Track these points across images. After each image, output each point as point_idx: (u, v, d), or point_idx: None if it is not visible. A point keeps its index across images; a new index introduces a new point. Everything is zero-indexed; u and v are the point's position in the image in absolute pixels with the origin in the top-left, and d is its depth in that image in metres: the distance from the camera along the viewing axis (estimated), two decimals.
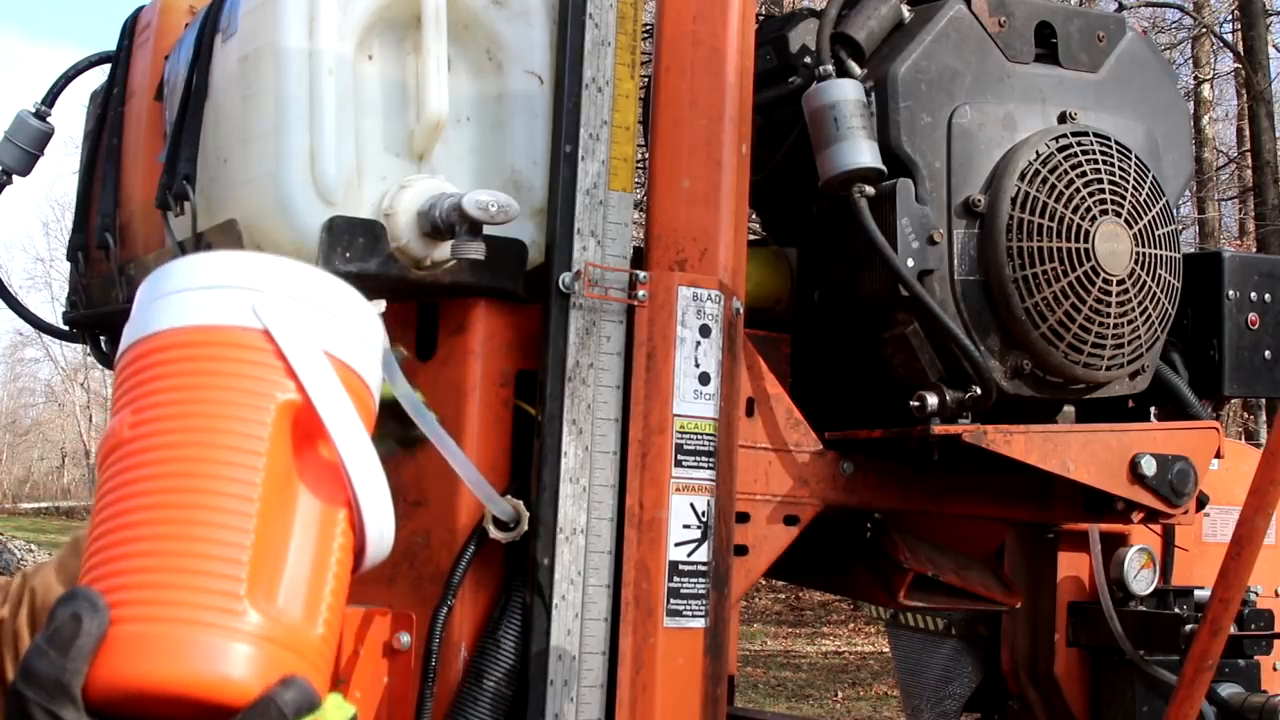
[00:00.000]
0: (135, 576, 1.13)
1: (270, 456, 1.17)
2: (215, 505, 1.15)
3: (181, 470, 1.16)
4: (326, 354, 1.23)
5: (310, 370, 1.21)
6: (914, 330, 2.26)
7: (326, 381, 1.22)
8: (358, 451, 1.23)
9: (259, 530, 1.15)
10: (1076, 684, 2.94)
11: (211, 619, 1.11)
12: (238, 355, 1.20)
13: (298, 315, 1.24)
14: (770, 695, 11.37)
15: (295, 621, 1.16)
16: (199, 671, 1.10)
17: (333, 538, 1.22)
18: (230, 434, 1.17)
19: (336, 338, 1.26)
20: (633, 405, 2.03)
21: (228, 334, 1.21)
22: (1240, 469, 2.83)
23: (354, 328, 1.29)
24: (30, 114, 2.76)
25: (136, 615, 1.11)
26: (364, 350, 1.30)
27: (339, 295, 1.29)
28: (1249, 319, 2.63)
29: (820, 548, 2.56)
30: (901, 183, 2.23)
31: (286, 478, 1.19)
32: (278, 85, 1.96)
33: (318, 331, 1.24)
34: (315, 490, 1.21)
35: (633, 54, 2.10)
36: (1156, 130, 2.49)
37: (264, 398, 1.19)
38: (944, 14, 2.33)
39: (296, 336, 1.22)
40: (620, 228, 2.06)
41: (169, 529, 1.14)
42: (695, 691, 2.04)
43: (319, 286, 1.28)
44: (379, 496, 1.25)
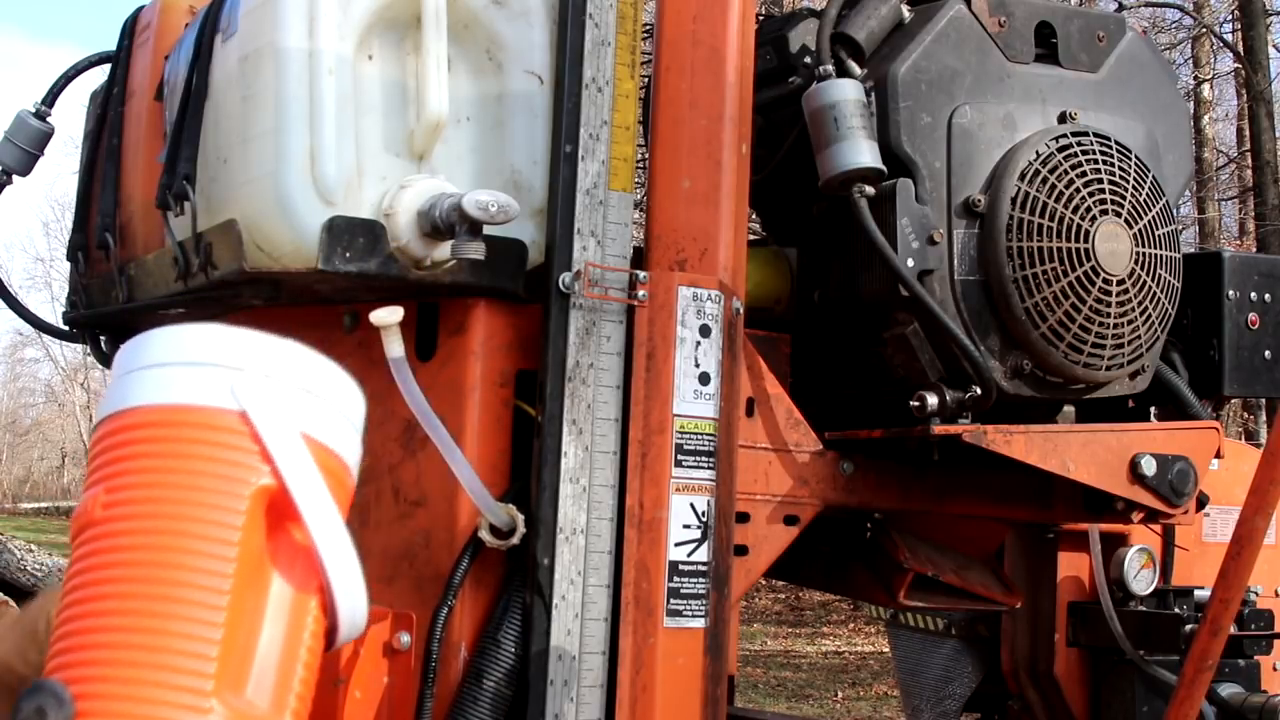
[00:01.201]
0: (102, 669, 1.12)
1: (244, 544, 1.16)
2: (185, 597, 1.14)
3: (152, 559, 1.15)
4: (304, 436, 1.22)
5: (287, 455, 1.20)
6: (914, 330, 2.26)
7: (303, 466, 1.21)
8: (331, 537, 1.22)
9: (229, 621, 1.14)
10: (1076, 684, 2.94)
11: (176, 714, 1.10)
12: (214, 438, 1.19)
13: (276, 396, 1.22)
14: (770, 695, 11.37)
15: (263, 713, 1.15)
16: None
17: (304, 625, 1.21)
18: (204, 521, 1.16)
19: (315, 418, 1.25)
20: (633, 405, 2.03)
21: (205, 415, 1.20)
22: (1240, 469, 2.84)
23: (334, 406, 1.28)
24: (30, 114, 2.76)
25: (102, 710, 1.10)
26: (343, 428, 1.29)
27: (319, 373, 1.29)
28: (1249, 319, 2.63)
29: (820, 548, 2.56)
30: (901, 183, 2.23)
31: (259, 564, 1.18)
32: (278, 85, 1.96)
33: (296, 412, 1.23)
34: (288, 576, 1.20)
35: (633, 54, 2.10)
36: (1156, 130, 2.49)
37: (239, 483, 1.18)
38: (944, 14, 2.33)
39: (274, 419, 1.20)
40: (620, 228, 2.06)
41: (137, 620, 1.13)
42: (695, 691, 2.04)
43: (299, 365, 1.27)
44: (352, 581, 1.24)
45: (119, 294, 2.46)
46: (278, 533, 1.20)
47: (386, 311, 1.84)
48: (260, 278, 2.01)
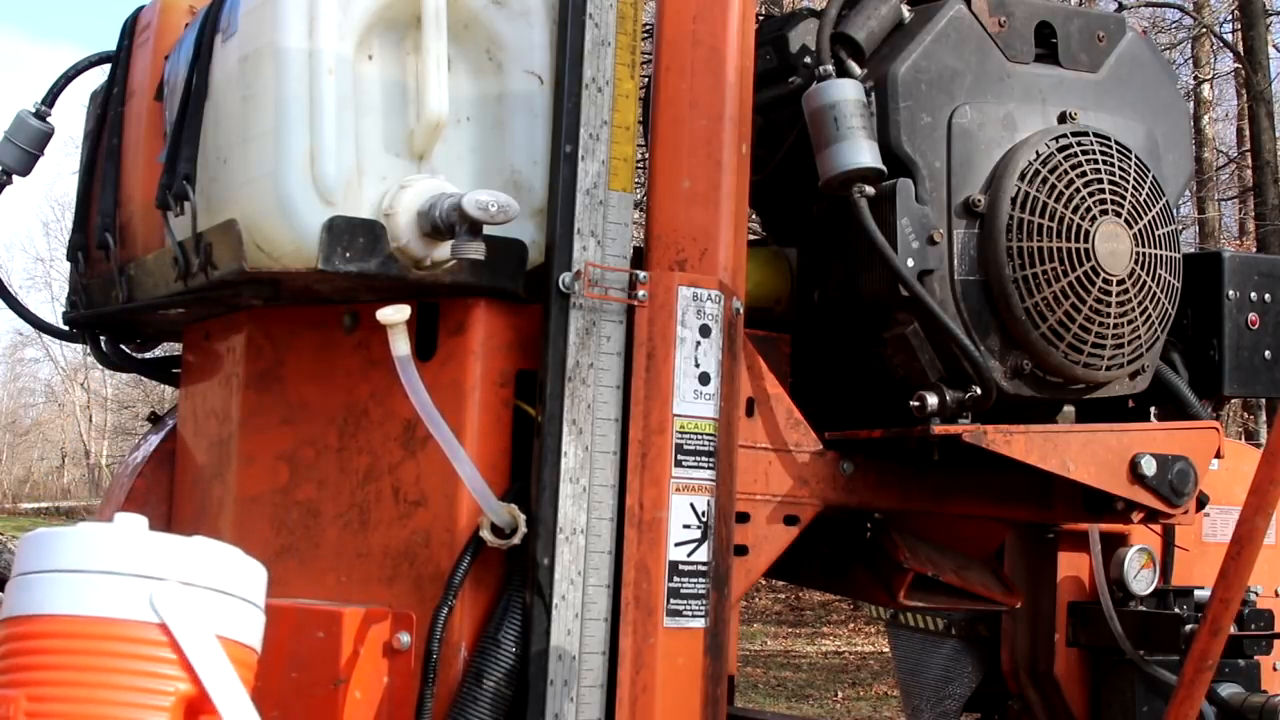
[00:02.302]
0: None
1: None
2: None
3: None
4: (219, 638, 1.32)
5: (206, 662, 1.29)
6: (914, 330, 2.26)
7: (220, 670, 1.30)
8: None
9: None
10: (1076, 684, 2.93)
11: None
12: (135, 650, 1.28)
13: (192, 604, 1.31)
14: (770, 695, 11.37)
15: None
16: None
17: None
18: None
19: (228, 618, 1.35)
20: (633, 405, 2.03)
21: (125, 628, 1.28)
22: (1240, 469, 2.83)
23: (243, 600, 1.39)
24: (30, 114, 2.76)
25: None
26: (250, 618, 1.41)
27: (229, 569, 1.39)
28: (1249, 319, 2.63)
29: (820, 548, 2.56)
30: (901, 183, 2.23)
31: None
32: (278, 85, 1.96)
33: (210, 617, 1.32)
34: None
35: (633, 54, 2.10)
36: (1156, 130, 2.49)
37: (161, 693, 1.27)
38: (944, 14, 2.33)
39: (191, 628, 1.29)
40: (620, 228, 2.06)
41: None
42: (695, 691, 2.04)
43: (211, 566, 1.36)
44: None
45: (119, 294, 2.46)
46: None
47: (393, 310, 1.85)
48: (260, 278, 2.01)
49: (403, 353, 1.87)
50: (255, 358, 2.30)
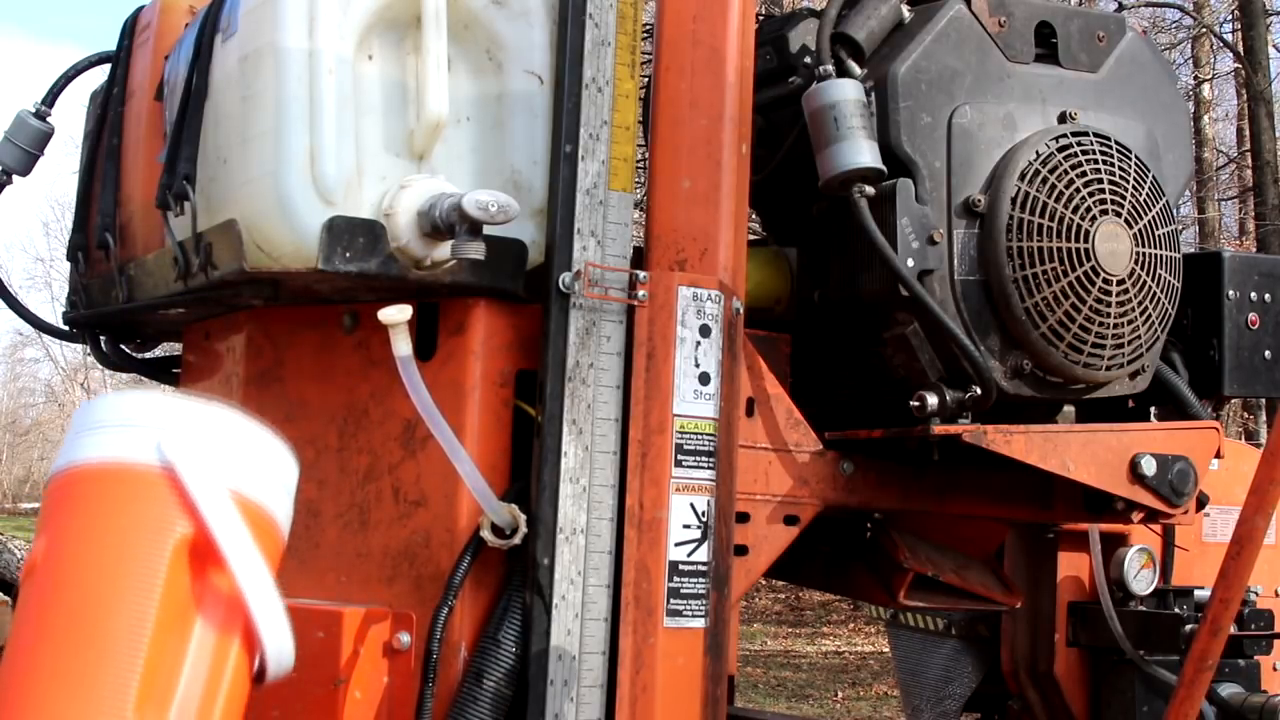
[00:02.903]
0: (31, 701, 1.19)
1: (166, 588, 1.24)
2: (108, 634, 1.22)
3: (78, 606, 1.23)
4: (231, 491, 1.30)
5: (209, 504, 1.28)
6: (914, 330, 2.26)
7: (225, 514, 1.29)
8: (255, 580, 1.29)
9: (150, 656, 1.21)
10: (1076, 684, 2.93)
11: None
12: (139, 492, 1.28)
13: (201, 452, 1.31)
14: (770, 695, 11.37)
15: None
16: None
17: (227, 661, 1.28)
18: (127, 568, 1.24)
19: (240, 475, 1.33)
20: (633, 405, 2.03)
21: (131, 470, 1.29)
22: (1240, 469, 2.83)
23: (262, 466, 1.37)
24: (30, 114, 2.76)
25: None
26: (271, 487, 1.37)
27: (248, 434, 1.37)
28: (1249, 319, 2.63)
29: (820, 548, 2.56)
30: (901, 183, 2.23)
31: (183, 607, 1.26)
32: (278, 85, 1.96)
33: (220, 468, 1.31)
34: (212, 618, 1.28)
35: (633, 54, 2.10)
36: (1156, 130, 2.49)
37: (162, 534, 1.26)
38: (944, 14, 2.33)
39: (197, 472, 1.28)
40: (620, 228, 2.06)
41: (64, 655, 1.21)
42: (695, 691, 2.04)
43: (228, 426, 1.36)
44: (276, 622, 1.32)
45: (119, 294, 2.46)
46: (203, 578, 1.28)
47: (395, 310, 1.85)
48: (260, 278, 2.01)
49: (404, 353, 1.87)
50: (255, 357, 2.30)
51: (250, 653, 1.31)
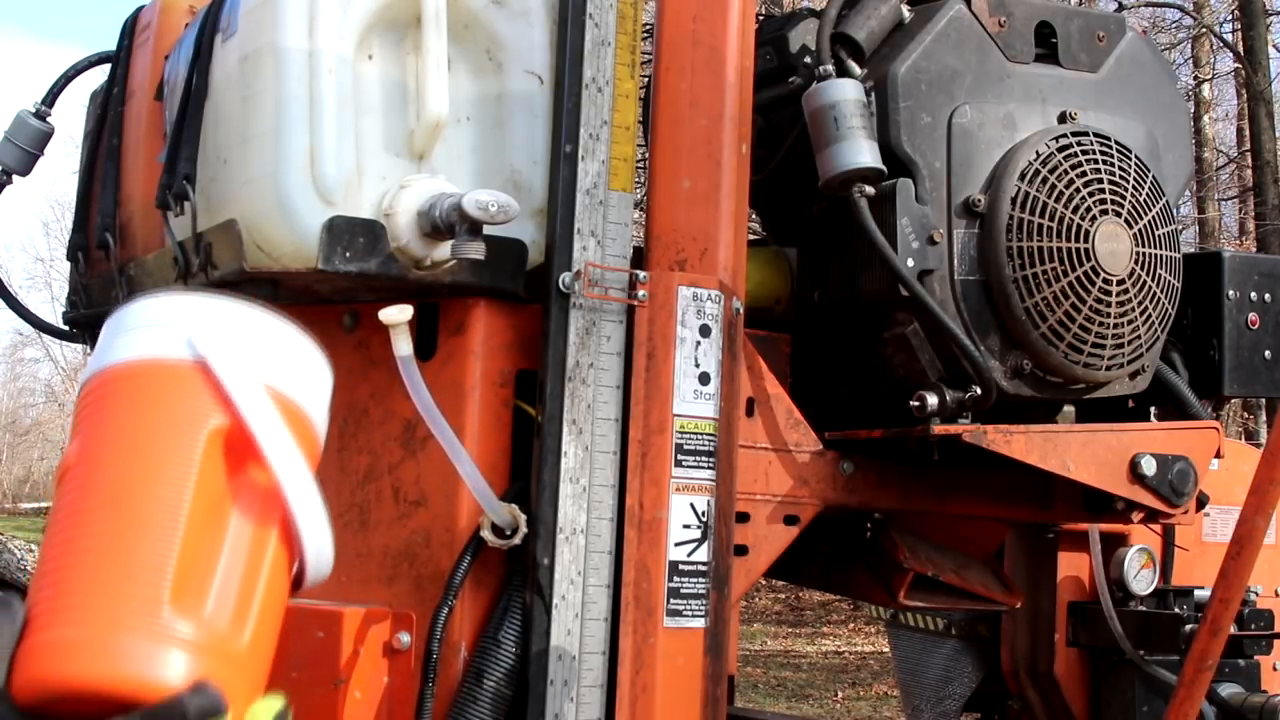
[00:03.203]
0: (65, 587, 1.18)
1: (201, 477, 1.22)
2: (142, 522, 1.20)
3: (112, 494, 1.22)
4: (266, 386, 1.29)
5: (244, 395, 1.26)
6: (914, 330, 2.26)
7: (260, 406, 1.27)
8: (292, 472, 1.28)
9: (185, 544, 1.19)
10: (1076, 684, 2.93)
11: (133, 623, 1.16)
12: (172, 386, 1.26)
13: (236, 348, 1.29)
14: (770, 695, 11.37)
15: (221, 629, 1.20)
16: (113, 670, 1.14)
17: (265, 554, 1.26)
18: (161, 459, 1.23)
19: (277, 371, 1.32)
20: (633, 405, 2.03)
21: (163, 366, 1.28)
22: (1240, 469, 2.83)
23: (296, 363, 1.36)
24: (30, 114, 2.76)
25: (62, 621, 1.16)
26: (306, 385, 1.36)
27: (282, 332, 1.36)
28: (1249, 319, 2.63)
29: (820, 548, 2.56)
30: (901, 183, 2.23)
31: (219, 498, 1.24)
32: (278, 85, 1.96)
33: (256, 363, 1.30)
34: (248, 510, 1.25)
35: (633, 54, 2.10)
36: (1156, 130, 2.49)
37: (196, 425, 1.24)
38: (944, 14, 2.33)
39: (231, 365, 1.27)
40: (620, 228, 2.06)
41: (98, 544, 1.20)
42: (695, 691, 2.04)
43: (264, 324, 1.35)
44: (315, 515, 1.30)
45: (119, 294, 2.46)
46: (239, 473, 1.26)
47: (396, 310, 1.85)
48: (260, 278, 2.01)
49: (405, 353, 1.87)
50: None
51: (290, 551, 1.30)
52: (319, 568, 1.33)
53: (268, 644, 1.26)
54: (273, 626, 1.27)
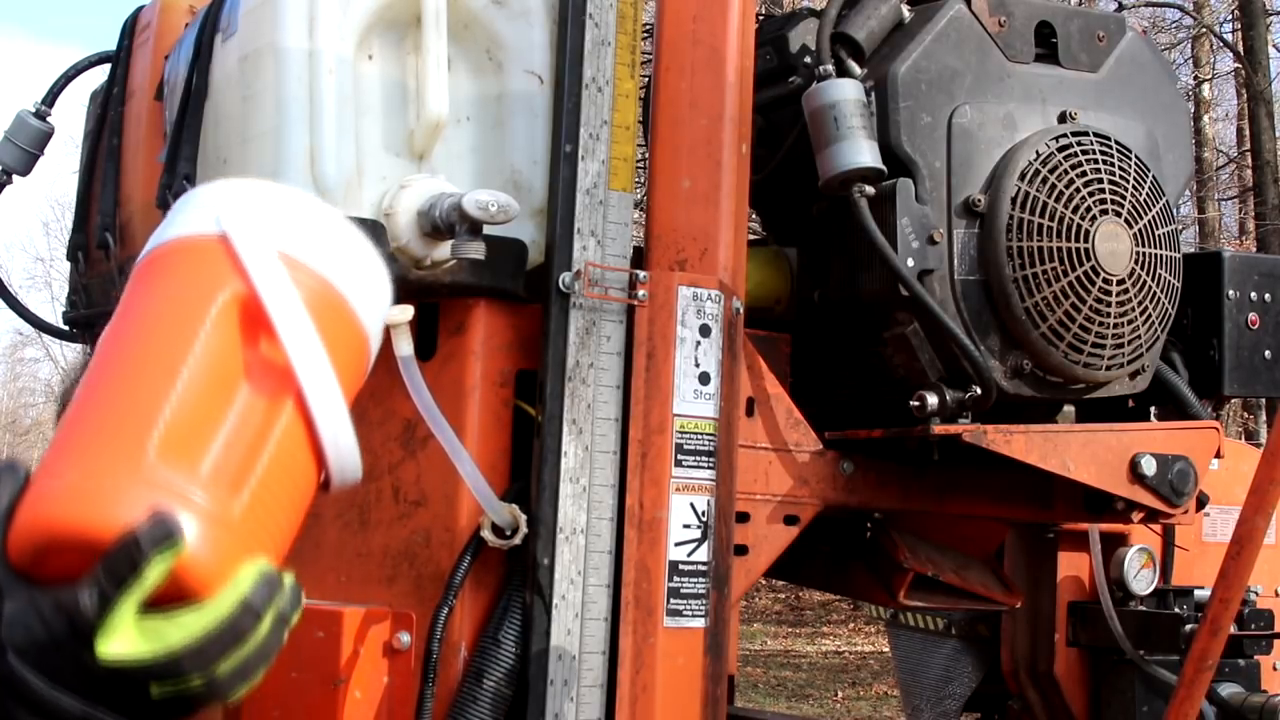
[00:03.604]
0: (58, 445, 1.19)
1: (208, 341, 1.21)
2: (137, 378, 1.20)
3: (118, 357, 1.23)
4: (288, 257, 1.27)
5: (256, 262, 1.24)
6: (914, 330, 2.26)
7: (273, 273, 1.25)
8: (304, 346, 1.25)
9: (183, 402, 1.18)
10: (1076, 684, 2.93)
11: (113, 468, 1.15)
12: (193, 258, 1.27)
13: (262, 223, 1.28)
14: (770, 695, 11.38)
15: (214, 491, 1.18)
16: (88, 513, 1.13)
17: (273, 428, 1.23)
18: (168, 324, 1.23)
19: (308, 247, 1.29)
20: (633, 405, 2.03)
21: (189, 241, 1.29)
22: (1240, 469, 2.83)
23: (339, 250, 1.33)
24: (30, 114, 2.77)
25: (49, 473, 1.17)
26: (350, 273, 1.33)
27: (328, 218, 1.34)
28: (1249, 319, 2.63)
29: (820, 548, 2.56)
30: (901, 182, 2.23)
31: (228, 366, 1.22)
32: (278, 85, 1.96)
33: (283, 238, 1.28)
34: (260, 382, 1.23)
35: (633, 54, 2.10)
36: (1156, 130, 2.49)
37: (209, 292, 1.24)
38: (944, 14, 2.33)
39: (250, 238, 1.26)
40: (620, 227, 2.06)
41: (94, 401, 1.21)
42: (695, 691, 2.04)
43: (302, 206, 1.34)
44: (328, 395, 1.26)
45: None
46: (254, 345, 1.24)
47: (397, 310, 1.84)
48: None
49: (406, 353, 1.87)
50: None
51: (310, 435, 1.26)
52: (339, 457, 1.28)
53: (269, 520, 1.22)
54: (278, 504, 1.24)
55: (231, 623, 1.16)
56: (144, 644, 1.13)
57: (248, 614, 1.17)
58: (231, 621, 1.16)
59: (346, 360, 1.30)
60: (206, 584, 1.15)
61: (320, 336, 1.25)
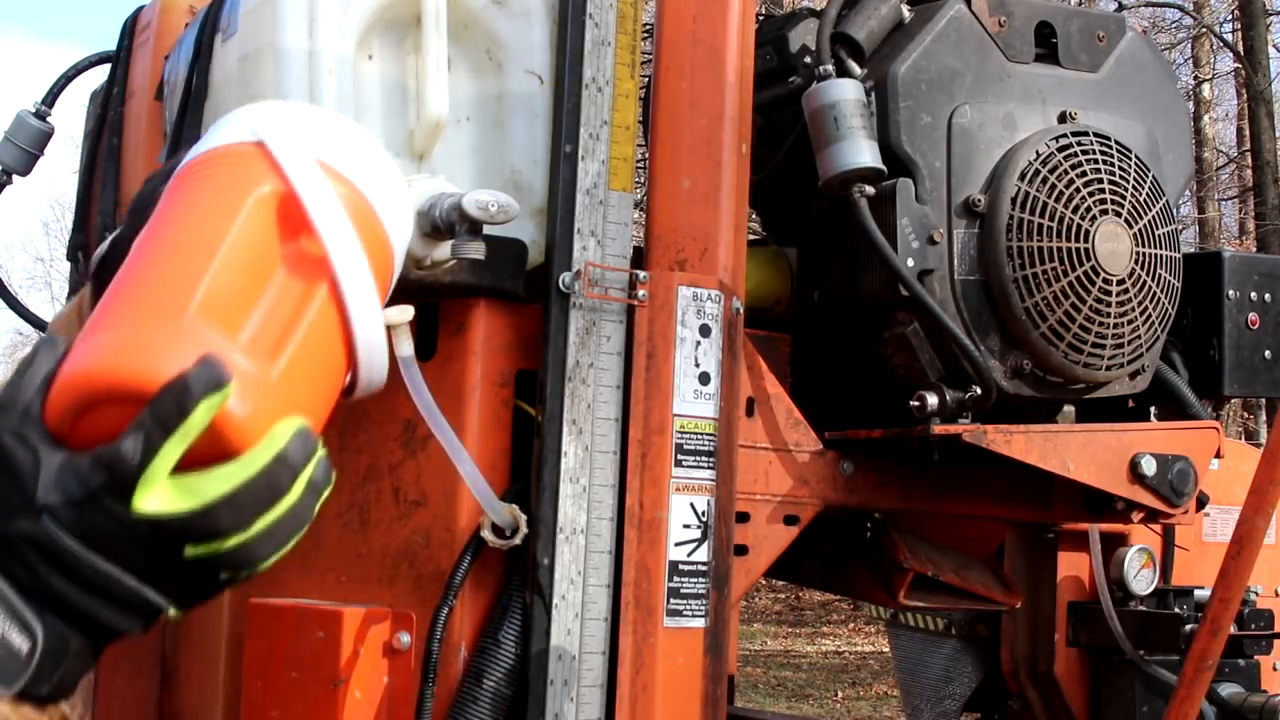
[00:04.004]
0: (99, 317, 1.21)
1: (247, 225, 1.25)
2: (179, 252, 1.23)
3: (156, 242, 1.26)
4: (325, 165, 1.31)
5: (294, 163, 1.28)
6: (914, 330, 2.26)
7: (310, 173, 1.28)
8: (340, 237, 1.28)
9: (221, 274, 1.21)
10: (1076, 684, 2.93)
11: (154, 323, 1.17)
12: (230, 163, 1.31)
13: (297, 131, 1.32)
14: (770, 695, 11.38)
15: (252, 354, 1.20)
16: (126, 362, 1.15)
17: (307, 309, 1.27)
18: (206, 211, 1.27)
19: (341, 156, 1.34)
20: (633, 405, 2.03)
21: (226, 150, 1.33)
22: (1240, 469, 2.84)
23: (368, 161, 1.37)
24: (30, 114, 2.77)
25: (86, 338, 1.19)
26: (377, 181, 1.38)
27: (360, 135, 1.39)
28: (1249, 319, 2.63)
29: (820, 548, 2.56)
30: (901, 182, 2.23)
31: (264, 251, 1.26)
32: (278, 85, 1.96)
33: (318, 146, 1.33)
34: (296, 269, 1.27)
35: (633, 54, 2.10)
36: (1156, 130, 2.49)
37: (245, 188, 1.27)
38: (944, 14, 2.33)
39: (288, 143, 1.30)
40: (620, 228, 2.06)
41: (134, 275, 1.24)
42: (695, 691, 2.04)
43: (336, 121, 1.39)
44: (362, 287, 1.30)
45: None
46: (289, 238, 1.27)
47: (397, 310, 1.84)
48: None
49: (406, 353, 1.87)
50: None
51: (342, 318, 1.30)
52: (368, 348, 1.33)
53: (303, 391, 1.25)
54: (311, 381, 1.27)
55: (268, 476, 1.16)
56: (181, 499, 1.13)
57: (285, 468, 1.18)
58: (269, 474, 1.16)
59: (374, 268, 1.34)
60: (245, 439, 1.16)
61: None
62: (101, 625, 1.15)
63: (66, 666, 1.14)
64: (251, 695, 2.07)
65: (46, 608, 1.13)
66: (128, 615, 1.15)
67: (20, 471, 1.13)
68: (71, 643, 1.14)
